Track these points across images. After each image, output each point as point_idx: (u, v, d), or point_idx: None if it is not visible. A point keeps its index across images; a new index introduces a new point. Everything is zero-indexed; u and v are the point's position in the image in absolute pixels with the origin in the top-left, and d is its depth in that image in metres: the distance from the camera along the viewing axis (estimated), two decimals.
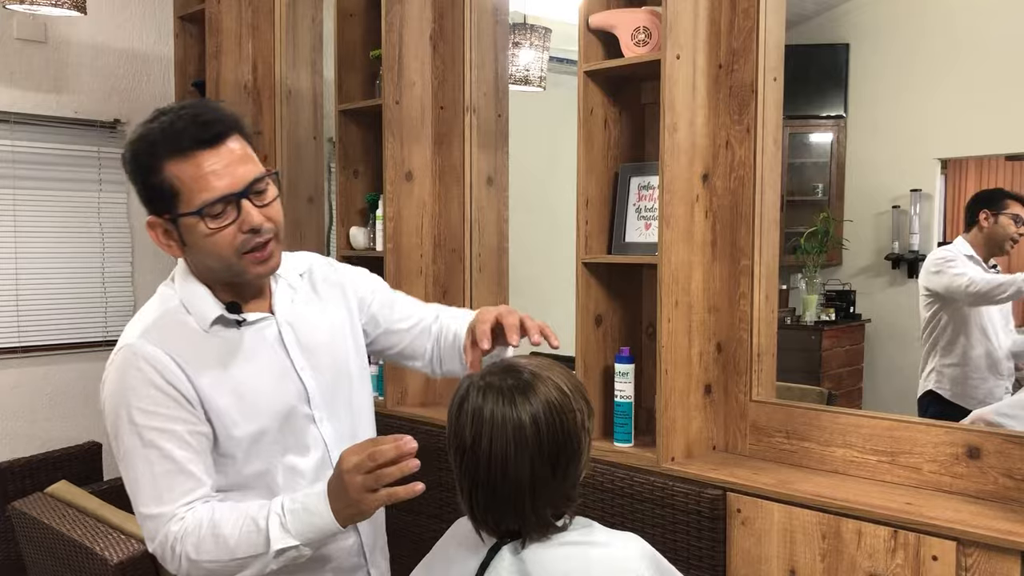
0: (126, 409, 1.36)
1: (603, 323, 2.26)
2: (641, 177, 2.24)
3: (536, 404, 1.22)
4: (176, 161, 1.33)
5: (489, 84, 2.85)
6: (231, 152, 1.35)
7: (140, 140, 1.37)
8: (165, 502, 1.35)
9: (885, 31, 4.41)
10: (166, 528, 1.35)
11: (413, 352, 1.66)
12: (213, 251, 1.36)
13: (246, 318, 1.45)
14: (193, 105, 1.38)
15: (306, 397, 1.48)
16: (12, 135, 3.46)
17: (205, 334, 1.42)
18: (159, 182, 1.34)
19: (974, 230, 3.17)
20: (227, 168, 1.34)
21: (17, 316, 3.51)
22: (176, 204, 1.34)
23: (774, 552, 1.86)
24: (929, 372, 3.21)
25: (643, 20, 2.11)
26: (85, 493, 2.35)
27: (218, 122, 1.35)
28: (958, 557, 1.63)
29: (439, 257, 2.87)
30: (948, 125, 4.14)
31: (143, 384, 1.36)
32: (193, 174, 1.32)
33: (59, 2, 2.80)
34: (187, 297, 1.44)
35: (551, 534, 1.26)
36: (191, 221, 1.34)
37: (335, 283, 1.61)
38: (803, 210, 4.66)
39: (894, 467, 1.91)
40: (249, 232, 1.35)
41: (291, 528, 1.31)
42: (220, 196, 1.33)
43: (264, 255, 1.39)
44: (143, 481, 1.36)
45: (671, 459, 2.06)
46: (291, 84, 3.37)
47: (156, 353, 1.37)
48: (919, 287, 3.27)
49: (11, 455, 3.28)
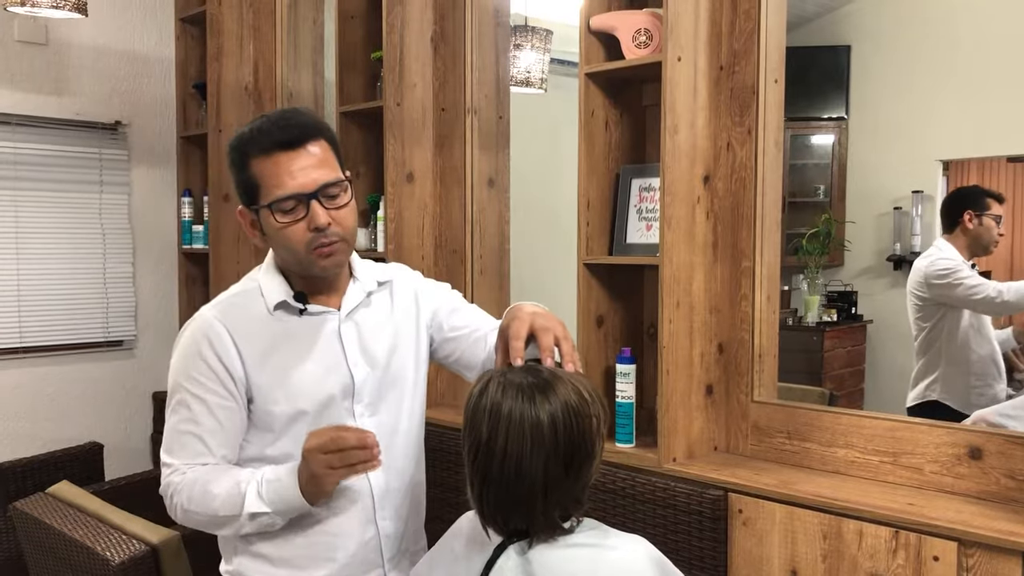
0: (182, 370, 1.53)
1: (604, 324, 2.26)
2: (642, 179, 2.24)
3: (555, 404, 1.22)
4: (260, 159, 1.47)
5: (490, 86, 2.85)
6: (309, 155, 1.48)
7: (238, 139, 1.52)
8: (176, 455, 1.52)
9: (887, 33, 4.40)
10: (170, 477, 1.52)
11: (469, 361, 1.69)
12: (284, 243, 1.50)
13: (308, 308, 1.56)
14: (284, 111, 1.56)
15: (351, 391, 1.57)
16: (14, 137, 3.46)
17: (269, 316, 1.55)
18: (247, 177, 1.49)
19: (957, 231, 3.06)
20: (302, 170, 1.47)
21: (19, 317, 3.51)
22: (257, 197, 1.49)
23: (775, 552, 1.86)
24: (931, 383, 3.12)
25: (644, 22, 2.11)
26: (86, 493, 2.35)
27: (299, 127, 1.49)
28: (959, 558, 1.63)
29: (440, 258, 2.87)
30: (950, 127, 4.13)
31: (196, 354, 1.51)
32: (272, 171, 1.47)
33: (60, 4, 2.80)
34: (265, 281, 1.58)
35: (558, 535, 1.26)
36: (265, 213, 1.49)
37: (412, 294, 1.71)
38: (805, 211, 4.66)
39: (896, 467, 1.91)
40: (315, 231, 1.47)
41: (265, 496, 1.45)
42: (291, 194, 1.46)
43: (328, 251, 1.50)
44: (169, 431, 1.54)
45: (672, 460, 2.06)
46: (292, 86, 3.37)
47: (218, 328, 1.51)
48: (912, 296, 3.15)
49: (12, 455, 3.28)
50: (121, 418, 3.80)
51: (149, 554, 2.02)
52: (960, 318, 3.06)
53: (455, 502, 2.26)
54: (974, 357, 3.06)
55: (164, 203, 3.91)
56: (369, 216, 2.94)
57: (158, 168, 3.89)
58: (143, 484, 3.04)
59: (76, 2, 2.84)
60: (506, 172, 2.91)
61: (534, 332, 1.38)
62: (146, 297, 3.86)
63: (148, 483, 3.09)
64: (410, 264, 2.81)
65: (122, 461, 3.74)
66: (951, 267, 3.07)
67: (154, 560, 2.03)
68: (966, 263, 3.04)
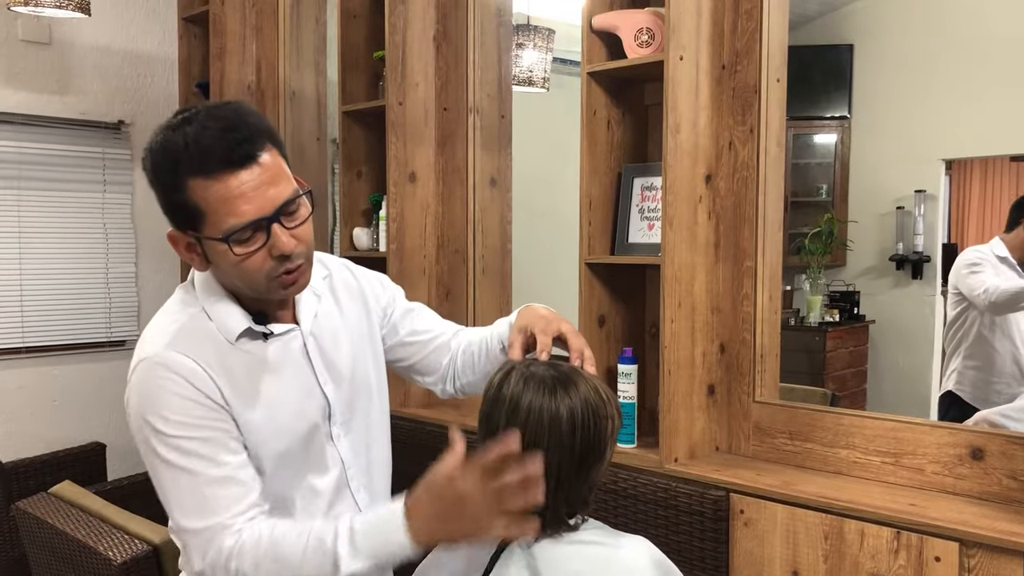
0: (161, 422, 1.27)
1: (606, 323, 2.26)
2: (644, 178, 2.24)
3: (575, 399, 1.22)
4: (202, 181, 1.20)
5: (492, 85, 2.85)
6: (262, 170, 1.22)
7: (162, 152, 1.23)
8: (214, 512, 1.25)
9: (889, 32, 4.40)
10: (219, 542, 1.23)
11: (426, 367, 1.59)
12: (241, 275, 1.27)
13: (273, 331, 1.36)
14: (222, 115, 1.24)
15: (328, 413, 1.42)
16: (17, 136, 3.47)
17: (231, 346, 1.32)
18: (183, 200, 1.22)
19: (1016, 231, 3.08)
20: (257, 190, 1.22)
21: (21, 317, 3.51)
22: (201, 225, 1.23)
23: (777, 553, 1.86)
24: (951, 373, 3.14)
25: (646, 21, 2.11)
26: (89, 493, 2.36)
27: (249, 140, 1.22)
28: (961, 558, 1.62)
29: (442, 258, 2.87)
30: (952, 126, 4.13)
31: (174, 395, 1.26)
32: (220, 196, 1.20)
33: (63, 4, 2.81)
34: (210, 306, 1.34)
35: (564, 532, 1.27)
36: (217, 246, 1.24)
37: (356, 291, 1.54)
38: (807, 211, 4.66)
39: (897, 468, 1.90)
40: (277, 258, 1.25)
41: (361, 546, 1.17)
42: (248, 221, 1.22)
43: (292, 279, 1.29)
44: (186, 494, 1.26)
45: (674, 460, 2.05)
46: (295, 85, 3.38)
47: (184, 361, 1.27)
48: (949, 286, 3.19)
49: (16, 455, 3.29)
50: (123, 418, 3.77)
51: (151, 554, 2.02)
52: (981, 313, 3.07)
53: None
54: (993, 353, 3.07)
55: None
56: (371, 216, 2.94)
57: None
58: (145, 484, 3.03)
59: (79, 2, 2.84)
60: (508, 171, 2.91)
61: (563, 334, 1.35)
62: (149, 297, 3.87)
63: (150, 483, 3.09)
64: (412, 264, 2.83)
65: (124, 461, 3.75)
66: (971, 260, 3.08)
67: (156, 560, 2.04)
68: (1001, 259, 3.03)
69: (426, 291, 2.82)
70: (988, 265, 3.05)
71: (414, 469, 1.23)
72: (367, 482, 1.49)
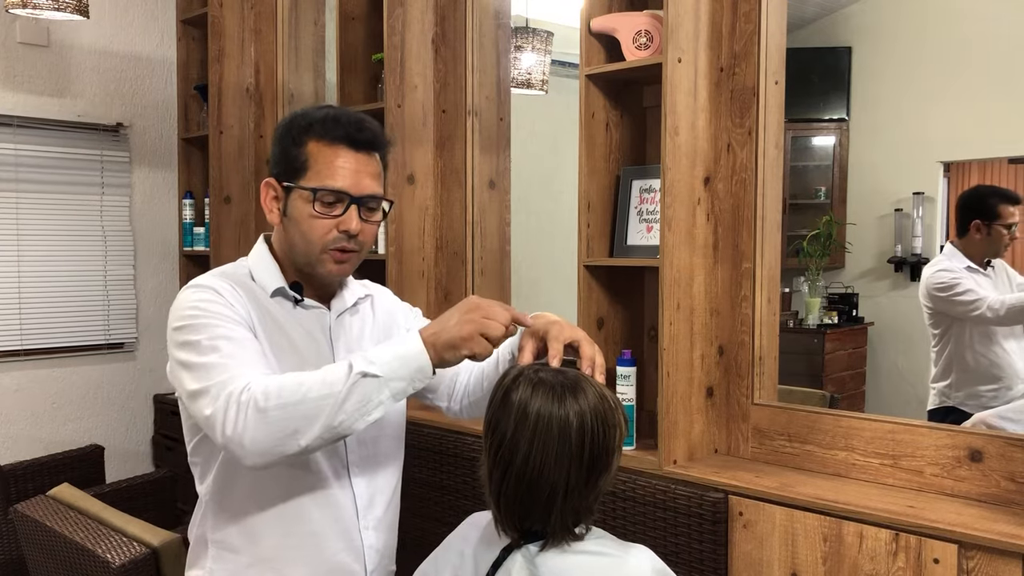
0: (197, 314, 1.40)
1: (605, 326, 2.26)
2: (642, 180, 2.24)
3: (584, 405, 1.22)
4: (322, 143, 1.45)
5: (491, 87, 2.85)
6: (369, 162, 1.48)
7: (302, 115, 1.49)
8: (227, 368, 1.34)
9: (888, 34, 4.40)
10: (230, 387, 1.31)
11: (435, 385, 1.65)
12: (305, 232, 1.46)
13: (304, 300, 1.53)
14: (361, 115, 1.51)
15: None
16: (15, 139, 3.47)
17: (267, 299, 1.51)
18: (298, 153, 1.45)
19: (967, 238, 3.03)
20: (357, 173, 1.45)
21: (20, 319, 3.51)
22: (299, 176, 1.45)
23: (776, 555, 1.86)
24: (946, 387, 3.05)
25: (644, 23, 2.11)
26: (87, 496, 2.35)
27: (373, 137, 1.48)
28: (960, 560, 1.62)
29: (441, 260, 2.87)
30: (951, 128, 4.13)
31: (212, 303, 1.42)
32: (329, 160, 1.44)
33: (62, 6, 2.81)
34: (256, 266, 1.54)
35: (569, 541, 1.26)
36: (304, 196, 1.44)
37: (390, 312, 1.69)
38: (806, 213, 4.65)
39: (896, 470, 1.90)
40: (343, 233, 1.45)
41: (374, 357, 1.29)
42: (339, 188, 1.44)
43: (344, 257, 1.48)
44: (212, 362, 1.35)
45: (673, 462, 2.05)
46: (293, 87, 3.38)
47: (224, 286, 1.45)
48: (922, 305, 3.11)
49: (13, 458, 3.28)
50: (122, 420, 3.81)
51: (150, 556, 2.02)
52: (967, 326, 3.03)
53: (458, 505, 2.26)
54: (986, 363, 3.03)
55: (165, 205, 3.91)
56: None
57: (159, 170, 3.89)
58: (144, 486, 3.04)
59: (78, 4, 2.84)
60: (507, 174, 2.91)
61: (576, 342, 1.37)
62: (147, 299, 3.86)
63: (149, 485, 3.09)
64: (411, 266, 2.83)
65: (123, 463, 3.75)
66: (948, 281, 3.00)
67: (154, 562, 2.03)
68: (971, 271, 2.98)
69: (425, 293, 2.82)
70: (967, 280, 2.97)
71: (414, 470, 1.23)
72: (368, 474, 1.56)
